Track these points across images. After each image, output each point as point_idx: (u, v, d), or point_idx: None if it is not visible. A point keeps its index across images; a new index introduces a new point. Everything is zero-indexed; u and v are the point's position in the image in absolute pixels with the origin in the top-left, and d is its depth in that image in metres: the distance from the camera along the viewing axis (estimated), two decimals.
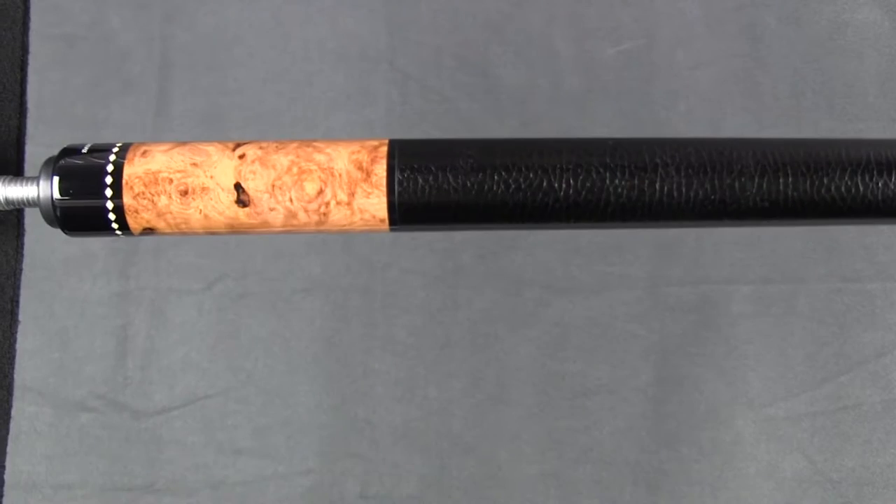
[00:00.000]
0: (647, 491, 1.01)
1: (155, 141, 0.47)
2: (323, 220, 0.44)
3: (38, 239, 0.56)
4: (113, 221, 0.45)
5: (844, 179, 0.43)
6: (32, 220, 0.53)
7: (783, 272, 1.02)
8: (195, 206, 0.44)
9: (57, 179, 0.45)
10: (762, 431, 1.01)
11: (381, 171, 0.44)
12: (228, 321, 1.02)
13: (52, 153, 0.47)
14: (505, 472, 1.01)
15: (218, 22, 1.06)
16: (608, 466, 1.01)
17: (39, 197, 0.46)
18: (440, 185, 0.44)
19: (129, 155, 0.45)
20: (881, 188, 0.43)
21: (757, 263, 1.02)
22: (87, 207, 0.45)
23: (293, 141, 0.46)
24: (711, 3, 1.06)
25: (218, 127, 1.04)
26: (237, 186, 0.44)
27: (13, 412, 0.55)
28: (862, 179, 0.43)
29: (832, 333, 1.02)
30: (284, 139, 0.46)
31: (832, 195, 0.43)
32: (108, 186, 0.45)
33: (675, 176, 0.44)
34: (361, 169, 0.44)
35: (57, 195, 0.45)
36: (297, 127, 1.04)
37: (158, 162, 0.45)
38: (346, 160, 0.45)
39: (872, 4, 1.06)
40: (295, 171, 0.44)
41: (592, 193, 0.44)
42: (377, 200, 0.44)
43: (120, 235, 0.47)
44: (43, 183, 0.45)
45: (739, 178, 0.44)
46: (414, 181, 0.44)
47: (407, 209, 0.45)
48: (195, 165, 0.45)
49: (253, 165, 0.45)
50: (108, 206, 0.45)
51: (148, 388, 1.01)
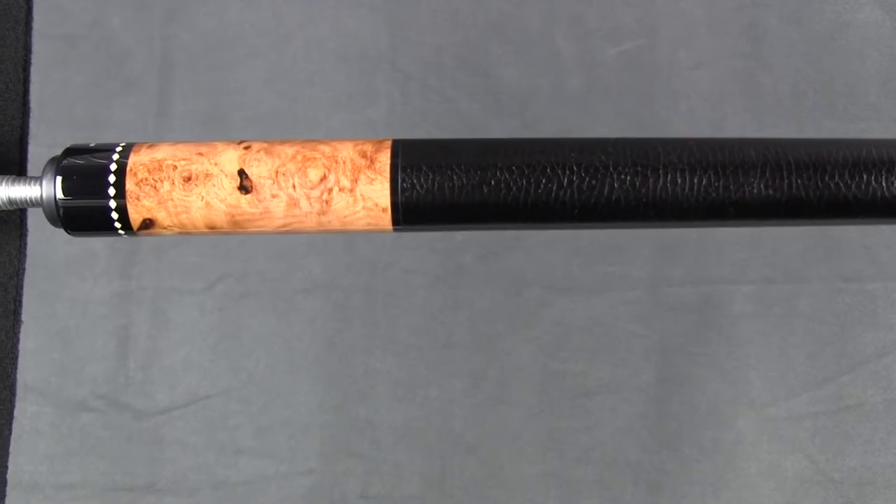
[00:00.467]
0: (648, 491, 1.01)
1: (156, 141, 0.47)
2: (325, 209, 0.44)
3: (39, 239, 0.56)
4: (116, 221, 0.46)
5: (846, 179, 0.43)
6: (33, 219, 0.54)
7: (784, 272, 1.02)
8: (197, 192, 0.45)
9: (60, 179, 0.45)
10: (763, 431, 1.01)
11: (384, 159, 0.45)
12: (230, 321, 1.02)
13: (53, 153, 0.47)
14: (506, 472, 1.01)
15: (219, 22, 1.06)
16: (609, 466, 1.01)
17: (42, 197, 0.46)
18: (444, 185, 0.44)
19: (134, 148, 0.46)
20: (883, 188, 0.43)
21: (758, 263, 1.02)
22: (90, 207, 0.45)
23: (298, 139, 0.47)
24: (713, 3, 1.06)
25: (219, 127, 1.04)
26: (241, 172, 0.45)
27: (15, 412, 0.55)
28: (863, 179, 0.43)
29: (833, 333, 1.02)
30: (286, 139, 0.47)
31: (834, 195, 0.44)
32: (111, 186, 0.45)
33: (679, 175, 0.44)
34: (366, 157, 0.45)
35: (60, 195, 0.45)
36: (298, 127, 1.04)
37: (164, 152, 0.46)
38: (350, 150, 0.45)
39: (874, 4, 1.06)
40: (299, 158, 0.45)
41: (598, 193, 0.44)
42: (380, 187, 0.44)
43: (123, 235, 0.47)
44: (46, 183, 0.45)
45: (744, 177, 0.44)
46: (418, 181, 0.44)
47: (411, 209, 0.45)
48: (200, 154, 0.45)
49: (258, 154, 0.45)
50: (111, 206, 0.45)
51: (149, 388, 1.01)
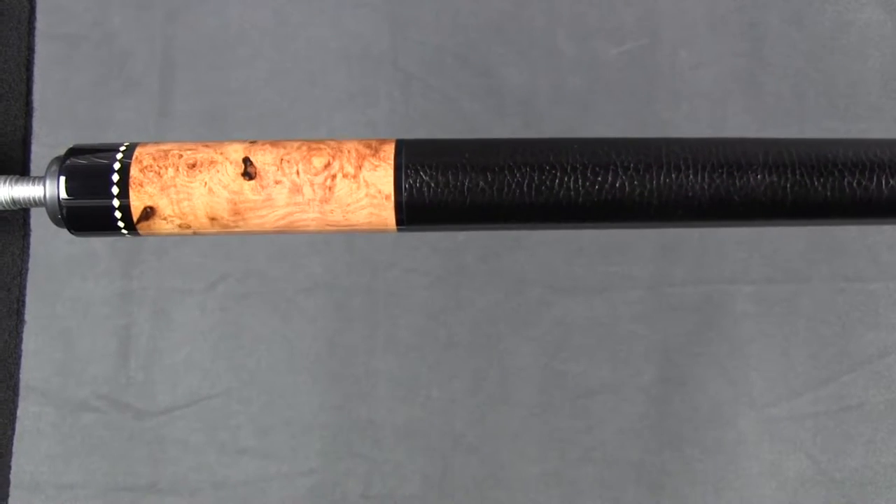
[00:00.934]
0: (649, 491, 1.01)
1: (158, 140, 0.47)
2: (327, 196, 0.44)
3: (40, 239, 0.55)
4: (119, 221, 0.46)
5: (847, 179, 0.43)
6: (34, 219, 0.54)
7: (786, 272, 1.02)
8: (201, 178, 0.45)
9: (63, 179, 0.45)
10: (765, 431, 1.01)
11: (389, 149, 0.45)
12: (231, 321, 1.02)
13: (54, 153, 0.47)
14: (507, 472, 1.01)
15: (220, 22, 1.06)
16: (611, 466, 1.01)
17: (46, 197, 0.46)
18: (448, 184, 0.44)
19: (139, 146, 0.46)
20: (884, 188, 0.43)
21: (759, 263, 1.02)
22: (93, 207, 0.45)
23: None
24: (714, 2, 1.06)
25: (220, 126, 1.04)
26: (245, 160, 0.45)
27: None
28: (864, 179, 0.43)
29: (835, 333, 1.02)
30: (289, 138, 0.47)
31: (835, 195, 0.43)
32: (114, 186, 0.45)
33: (684, 175, 0.44)
34: (370, 147, 0.45)
35: (63, 195, 0.45)
36: (299, 127, 1.04)
37: (170, 145, 0.46)
38: (355, 143, 0.46)
39: (875, 4, 1.06)
40: (304, 149, 0.45)
41: (602, 192, 0.44)
42: (384, 173, 0.44)
43: (126, 235, 0.47)
44: (49, 183, 0.45)
45: (747, 177, 0.44)
46: (422, 181, 0.44)
47: (415, 209, 0.45)
48: (206, 146, 0.46)
49: (263, 146, 0.46)
50: (114, 205, 0.45)
51: (150, 388, 1.01)
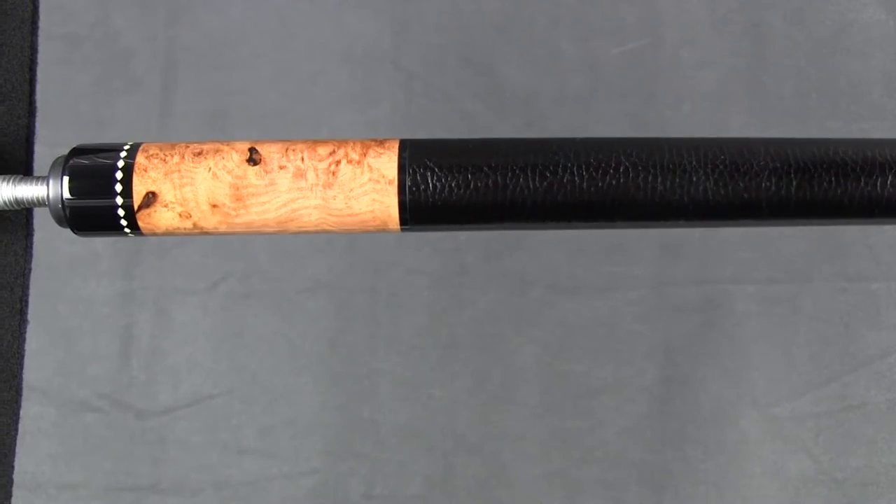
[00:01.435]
0: (651, 491, 1.00)
1: (159, 140, 0.47)
2: (330, 181, 0.45)
3: (42, 238, 0.55)
4: (122, 219, 0.45)
5: (850, 179, 0.43)
6: (35, 219, 0.53)
7: (788, 272, 1.02)
8: (205, 164, 0.45)
9: (67, 179, 0.45)
10: (767, 431, 1.01)
11: (394, 143, 0.46)
12: (233, 321, 1.02)
13: (55, 152, 0.47)
14: (510, 471, 1.01)
15: (222, 21, 1.06)
16: (613, 466, 1.01)
17: (49, 197, 0.46)
18: (453, 184, 0.44)
19: (143, 146, 0.46)
20: (886, 188, 0.43)
21: (762, 263, 1.02)
22: (97, 207, 0.45)
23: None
24: (716, 2, 1.06)
25: (222, 126, 1.04)
26: (251, 149, 0.46)
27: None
28: (867, 179, 0.43)
29: (837, 333, 1.02)
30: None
31: (837, 195, 0.43)
32: (118, 182, 0.45)
33: (688, 175, 0.44)
34: (375, 141, 0.46)
35: (67, 195, 0.45)
36: (301, 126, 1.04)
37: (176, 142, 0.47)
38: (360, 140, 0.46)
39: (877, 4, 1.06)
40: (310, 140, 0.46)
41: (606, 192, 0.44)
42: (387, 160, 0.45)
43: (129, 236, 0.47)
44: (53, 183, 0.45)
45: (749, 177, 0.44)
46: (426, 181, 0.44)
47: (419, 209, 0.45)
48: (214, 141, 0.46)
49: (269, 140, 0.46)
50: (118, 205, 0.45)
51: (152, 387, 1.01)
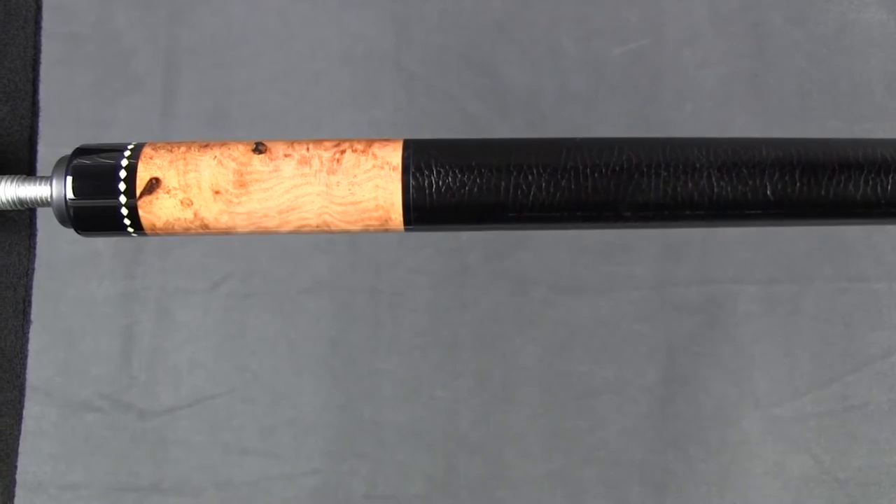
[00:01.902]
0: (653, 491, 1.00)
1: (160, 140, 0.47)
2: (334, 168, 0.45)
3: (43, 238, 0.55)
4: (125, 219, 0.45)
5: (852, 179, 0.43)
6: (37, 219, 0.53)
7: (789, 272, 1.02)
8: (211, 152, 0.46)
9: (70, 179, 0.45)
10: (769, 431, 1.01)
11: (397, 143, 0.46)
12: (234, 321, 1.02)
13: (57, 152, 0.46)
14: (511, 471, 1.01)
15: (224, 21, 1.06)
16: (615, 466, 1.01)
17: (52, 197, 0.45)
18: (457, 184, 0.44)
19: (146, 145, 0.46)
20: (888, 188, 0.43)
21: (763, 263, 1.02)
22: (100, 207, 0.45)
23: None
24: (717, 2, 1.06)
25: (223, 126, 1.04)
26: (258, 143, 0.46)
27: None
28: (868, 179, 0.43)
29: (838, 333, 1.02)
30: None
31: (838, 195, 0.43)
32: (121, 182, 0.45)
33: (691, 175, 0.44)
34: (378, 140, 0.46)
35: (70, 195, 0.45)
36: (303, 126, 1.04)
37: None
38: (362, 138, 0.47)
39: (878, 4, 1.06)
40: (314, 137, 0.46)
41: (608, 192, 0.44)
42: (392, 150, 0.45)
43: (133, 235, 0.47)
44: (56, 183, 0.45)
45: (753, 177, 0.44)
46: (429, 181, 0.44)
47: (422, 209, 0.45)
48: (220, 139, 0.47)
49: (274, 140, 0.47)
50: (121, 205, 0.45)
51: (154, 387, 1.01)
